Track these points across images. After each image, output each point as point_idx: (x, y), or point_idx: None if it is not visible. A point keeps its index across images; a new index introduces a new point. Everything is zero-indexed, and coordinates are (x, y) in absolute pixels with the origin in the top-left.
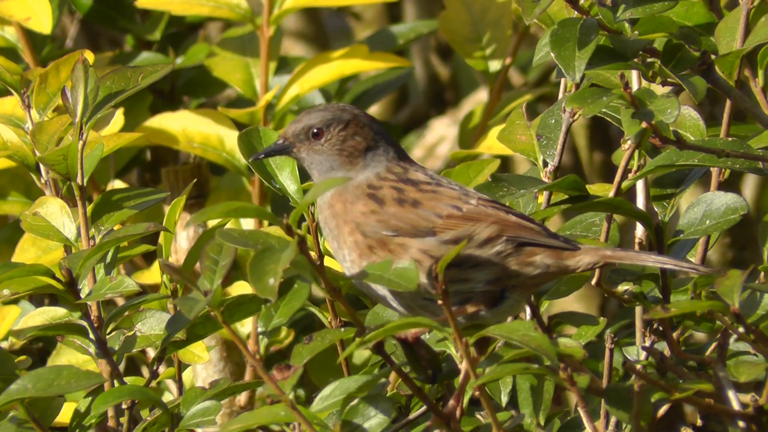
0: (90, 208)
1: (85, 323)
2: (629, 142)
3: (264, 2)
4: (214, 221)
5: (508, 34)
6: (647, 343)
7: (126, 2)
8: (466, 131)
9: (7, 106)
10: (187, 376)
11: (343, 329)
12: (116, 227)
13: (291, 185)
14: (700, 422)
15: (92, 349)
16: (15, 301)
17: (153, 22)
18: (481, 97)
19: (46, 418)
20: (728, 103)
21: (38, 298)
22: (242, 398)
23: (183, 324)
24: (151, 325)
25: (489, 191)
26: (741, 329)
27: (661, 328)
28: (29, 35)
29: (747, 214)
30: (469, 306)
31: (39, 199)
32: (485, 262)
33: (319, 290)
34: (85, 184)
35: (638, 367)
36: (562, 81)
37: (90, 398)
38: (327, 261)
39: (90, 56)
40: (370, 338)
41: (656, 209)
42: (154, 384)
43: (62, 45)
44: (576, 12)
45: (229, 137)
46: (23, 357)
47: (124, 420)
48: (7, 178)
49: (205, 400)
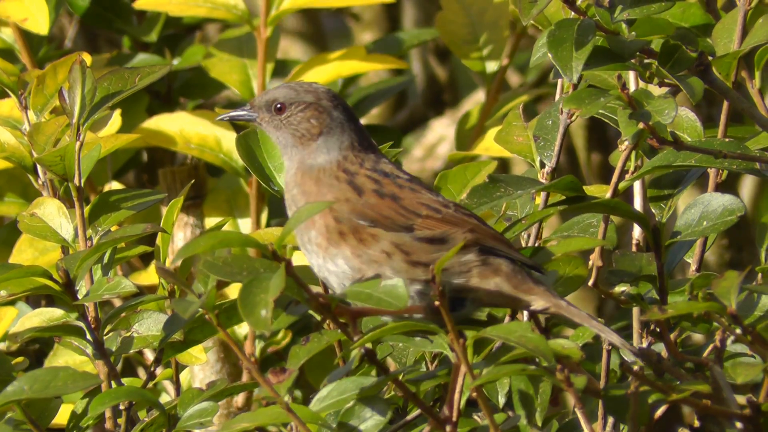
0: (87, 209)
1: (82, 324)
2: (626, 143)
3: (261, 3)
4: (212, 222)
5: (505, 35)
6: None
7: (122, 3)
8: (462, 132)
9: (4, 108)
10: (184, 377)
11: (339, 330)
12: (113, 228)
13: None
14: (697, 423)
15: (89, 350)
16: (12, 303)
17: (149, 24)
18: (480, 98)
19: (43, 420)
20: (725, 104)
21: (35, 300)
22: (240, 399)
23: (180, 325)
24: (149, 326)
25: (486, 192)
26: (738, 330)
27: (658, 330)
28: (26, 36)
29: (745, 215)
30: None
31: (36, 200)
32: (453, 269)
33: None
34: (83, 185)
35: (635, 368)
36: (559, 82)
37: (87, 399)
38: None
39: (87, 58)
40: (363, 341)
41: (653, 210)
42: (151, 385)
43: (61, 46)
44: (573, 13)
45: (226, 138)
46: (20, 358)
47: (121, 421)
48: (4, 179)
49: (202, 401)
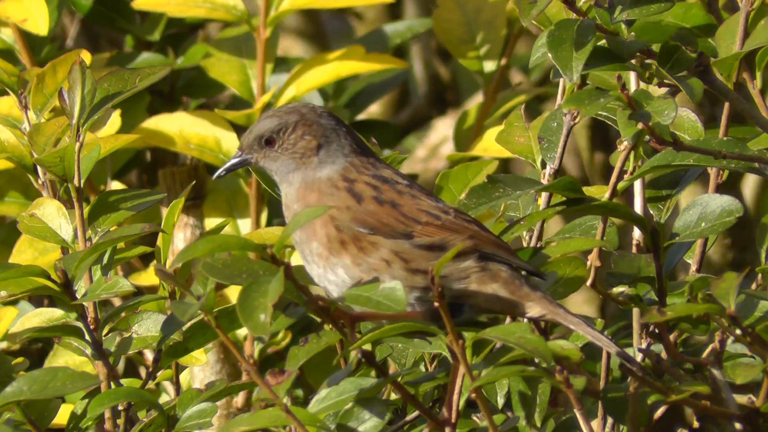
0: (87, 209)
1: (81, 325)
2: (625, 143)
3: (260, 4)
4: (212, 223)
5: (502, 35)
6: (643, 345)
7: (125, 3)
8: (461, 132)
9: (4, 107)
10: (184, 377)
11: (335, 330)
12: (113, 229)
13: None
14: (696, 424)
15: (89, 350)
16: (15, 302)
17: (152, 23)
18: (481, 97)
19: (43, 420)
20: (726, 104)
21: (38, 299)
22: (239, 400)
23: (178, 326)
24: (148, 326)
25: (485, 192)
26: (738, 331)
27: (657, 331)
28: (27, 36)
29: (747, 214)
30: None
31: (36, 200)
32: (453, 275)
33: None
34: (82, 185)
35: (634, 368)
36: (560, 83)
37: (87, 400)
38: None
39: (87, 57)
40: (362, 342)
41: (652, 211)
42: (152, 385)
43: (62, 45)
44: (573, 13)
45: (226, 139)
46: (20, 359)
47: (120, 422)
48: (5, 178)
49: (201, 402)
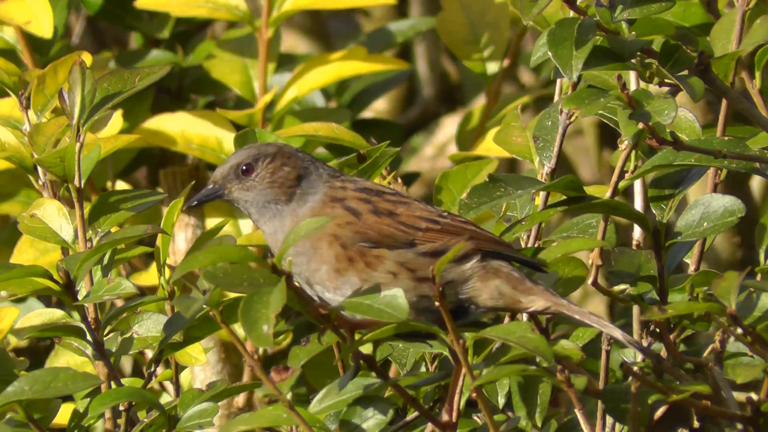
0: (87, 210)
1: (82, 325)
2: (626, 142)
3: (263, 4)
4: (213, 223)
5: (506, 36)
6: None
7: (133, 1)
8: (464, 133)
9: (5, 108)
10: (185, 377)
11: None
12: (114, 229)
13: None
14: (696, 424)
15: (89, 350)
16: (23, 300)
17: (161, 21)
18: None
19: (44, 420)
20: (724, 104)
21: (46, 298)
22: (240, 400)
23: (180, 326)
24: (148, 326)
25: (486, 191)
26: (738, 331)
27: (657, 330)
28: (30, 36)
29: (756, 213)
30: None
31: (36, 201)
32: (458, 279)
33: None
34: (83, 186)
35: (635, 368)
36: (558, 83)
37: (88, 399)
38: None
39: (88, 58)
40: (356, 345)
41: (654, 211)
42: (155, 385)
43: (68, 43)
44: (573, 13)
45: (228, 139)
46: (21, 358)
47: (121, 422)
48: (6, 178)
49: (202, 402)
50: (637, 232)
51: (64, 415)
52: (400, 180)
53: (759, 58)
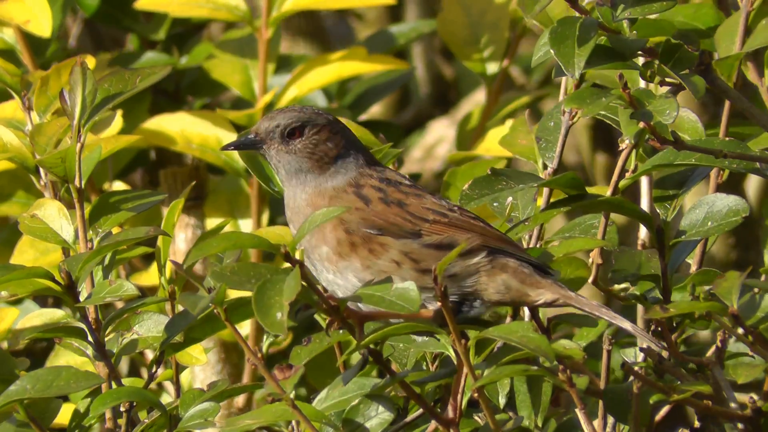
0: (88, 210)
1: (83, 325)
2: (626, 142)
3: (263, 5)
4: (213, 223)
5: (506, 36)
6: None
7: (130, 2)
8: (464, 133)
9: (7, 110)
10: (185, 377)
11: (341, 331)
12: (114, 229)
13: None
14: (697, 424)
15: (90, 351)
16: (20, 301)
17: (157, 22)
18: (479, 98)
19: (45, 419)
20: (727, 103)
21: (43, 299)
22: (240, 400)
23: (181, 326)
24: (149, 327)
25: (488, 184)
26: (740, 331)
27: (659, 329)
28: (29, 36)
29: (751, 214)
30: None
31: (37, 201)
32: (463, 273)
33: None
34: (83, 186)
35: (636, 368)
36: (563, 83)
37: (89, 399)
38: None
39: (90, 60)
40: (366, 342)
41: (658, 210)
42: (153, 385)
43: (65, 45)
44: (576, 12)
45: (228, 139)
46: (21, 358)
47: (122, 422)
48: (6, 179)
49: (203, 402)
50: (643, 232)
51: (64, 415)
52: None
53: None
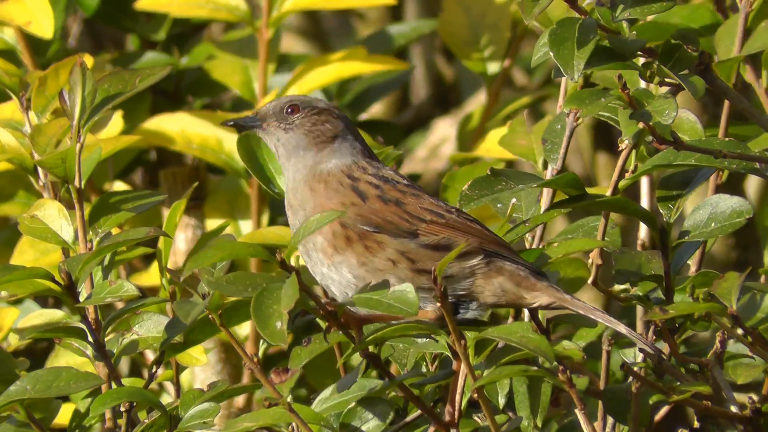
0: (88, 210)
1: (83, 326)
2: (626, 142)
3: (263, 5)
4: (213, 224)
5: (506, 37)
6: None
7: (130, 2)
8: (464, 133)
9: (6, 111)
10: (185, 377)
11: (341, 332)
12: (114, 230)
13: None
14: (697, 424)
15: (89, 351)
16: (20, 301)
17: (158, 22)
18: (482, 98)
19: (45, 419)
20: (726, 103)
21: (43, 299)
22: (240, 400)
23: (181, 328)
24: (149, 327)
25: (487, 184)
26: (739, 331)
27: (659, 329)
28: (29, 37)
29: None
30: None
31: (37, 201)
32: (459, 274)
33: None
34: (83, 186)
35: (636, 369)
36: (563, 84)
37: (89, 399)
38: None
39: (89, 60)
40: (367, 343)
41: (661, 211)
42: (153, 385)
43: (65, 45)
44: (575, 12)
45: (228, 139)
46: (22, 359)
47: (122, 422)
48: (6, 179)
49: (203, 402)
50: (643, 232)
51: (65, 415)
52: None
53: (766, 57)
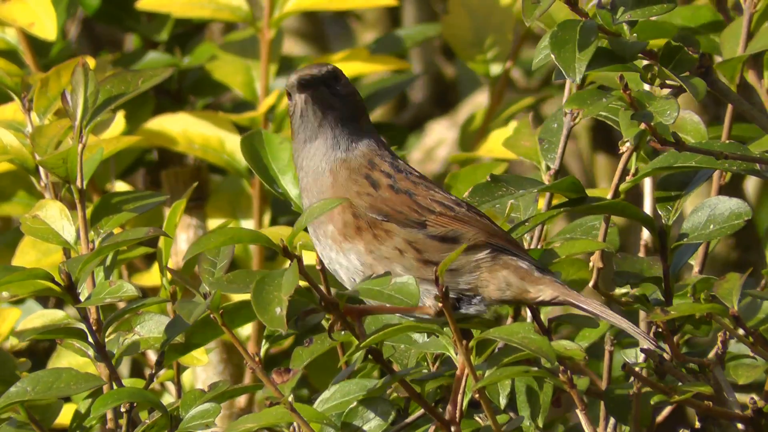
0: (89, 211)
1: (84, 327)
2: (627, 143)
3: (265, 5)
4: (215, 224)
5: (510, 38)
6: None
7: (132, 2)
8: (466, 134)
9: (7, 112)
10: (187, 377)
11: (343, 332)
12: (116, 230)
13: (293, 190)
14: (698, 425)
15: (91, 351)
16: (21, 301)
17: (160, 22)
18: (479, 100)
19: (46, 420)
20: (729, 105)
21: (44, 299)
22: (242, 400)
23: (182, 328)
24: (150, 328)
25: (488, 190)
26: (740, 332)
27: (660, 329)
28: (32, 37)
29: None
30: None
31: (39, 202)
32: (464, 268)
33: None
34: (85, 187)
35: (637, 369)
36: (566, 84)
37: (90, 400)
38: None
39: (91, 61)
40: (368, 343)
41: (660, 212)
42: (155, 385)
43: (68, 46)
44: (576, 14)
45: (230, 139)
46: (23, 359)
47: (123, 422)
48: (8, 179)
49: (204, 403)
50: (646, 234)
51: (65, 416)
52: None
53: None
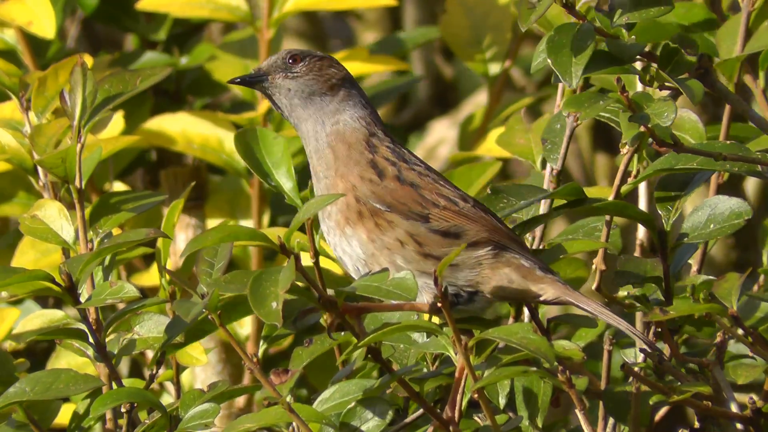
0: (88, 211)
1: (84, 327)
2: (627, 147)
3: (264, 5)
4: (214, 224)
5: (508, 38)
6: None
7: (131, 2)
8: (466, 133)
9: (6, 111)
10: (186, 378)
11: (342, 333)
12: (115, 230)
13: (287, 183)
14: (697, 424)
15: (90, 351)
16: (20, 301)
17: (158, 22)
18: (480, 99)
19: (44, 420)
20: (728, 106)
21: (43, 299)
22: (241, 400)
23: (182, 328)
24: (149, 328)
25: (489, 204)
26: (740, 331)
27: (659, 330)
28: (29, 37)
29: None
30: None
31: (38, 202)
32: (465, 264)
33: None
34: (83, 186)
35: (636, 369)
36: (560, 86)
37: (89, 400)
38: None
39: (89, 60)
40: (366, 342)
41: (660, 212)
42: (154, 385)
43: (64, 46)
44: (573, 17)
45: (229, 139)
46: (22, 360)
47: (122, 422)
48: (7, 179)
49: (203, 403)
50: (641, 233)
51: (64, 416)
52: None
53: (763, 59)
